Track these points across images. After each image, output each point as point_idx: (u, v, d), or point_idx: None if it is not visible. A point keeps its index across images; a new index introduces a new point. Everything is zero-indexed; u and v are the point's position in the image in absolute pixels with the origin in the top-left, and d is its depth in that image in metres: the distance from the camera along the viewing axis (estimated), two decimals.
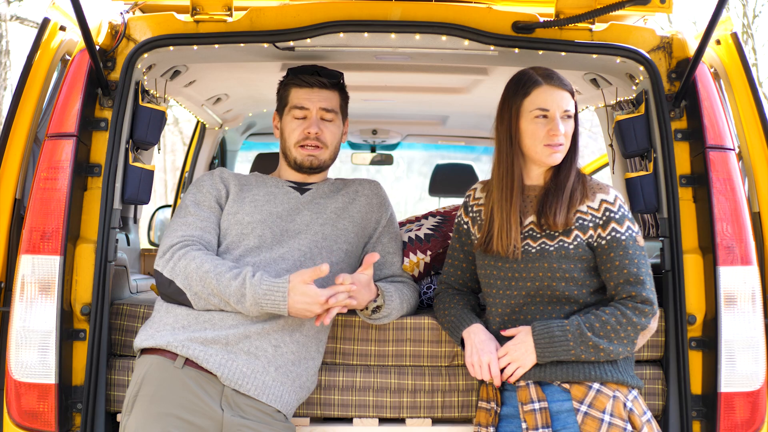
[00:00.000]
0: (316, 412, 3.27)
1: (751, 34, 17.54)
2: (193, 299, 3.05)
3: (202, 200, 3.28)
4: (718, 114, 3.28)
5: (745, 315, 3.15)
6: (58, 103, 3.22)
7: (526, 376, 2.98)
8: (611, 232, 2.99)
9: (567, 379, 2.94)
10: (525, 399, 2.97)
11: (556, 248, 3.00)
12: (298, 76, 3.37)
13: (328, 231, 3.27)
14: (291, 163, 3.39)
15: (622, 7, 3.19)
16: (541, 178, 3.11)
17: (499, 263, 3.06)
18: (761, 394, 3.15)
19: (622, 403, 2.92)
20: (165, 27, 3.35)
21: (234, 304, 3.00)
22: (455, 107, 5.44)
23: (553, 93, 3.04)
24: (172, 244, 3.13)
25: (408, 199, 20.85)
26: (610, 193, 3.03)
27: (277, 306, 2.97)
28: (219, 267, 3.03)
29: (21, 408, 3.10)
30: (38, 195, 3.15)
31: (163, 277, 3.09)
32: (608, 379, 2.94)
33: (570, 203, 3.01)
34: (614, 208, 3.01)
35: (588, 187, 3.05)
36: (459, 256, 3.25)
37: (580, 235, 3.00)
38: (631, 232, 3.00)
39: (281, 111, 3.42)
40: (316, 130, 3.34)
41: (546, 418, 2.93)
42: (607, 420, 2.89)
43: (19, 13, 15.26)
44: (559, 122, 3.02)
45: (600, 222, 3.00)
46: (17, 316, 3.10)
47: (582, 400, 2.92)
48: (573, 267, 2.99)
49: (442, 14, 3.32)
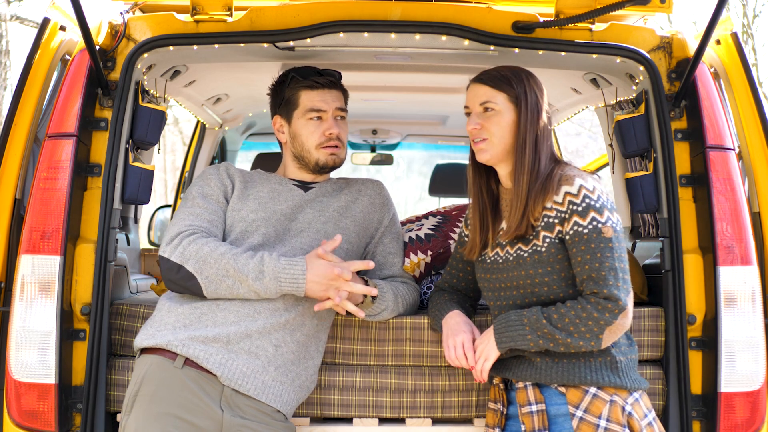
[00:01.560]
0: (316, 412, 3.27)
1: (751, 34, 17.54)
2: (205, 283, 3.03)
3: (210, 193, 3.27)
4: (718, 114, 3.28)
5: (745, 315, 3.15)
6: (58, 103, 3.22)
7: (525, 378, 2.95)
8: (573, 226, 2.84)
9: (563, 381, 2.89)
10: (523, 401, 2.95)
11: (530, 253, 2.91)
12: (308, 78, 3.35)
13: (330, 230, 3.27)
14: (312, 165, 3.36)
15: (622, 7, 3.19)
16: (508, 181, 3.04)
17: (487, 274, 3.05)
18: (761, 394, 3.15)
19: (620, 407, 2.85)
20: (165, 27, 3.35)
21: (252, 281, 2.99)
22: (455, 107, 5.43)
23: (472, 89, 3.04)
24: (180, 231, 3.11)
25: (408, 199, 20.86)
26: (574, 184, 2.85)
27: (296, 280, 2.99)
28: (234, 249, 3.05)
29: (21, 408, 3.10)
30: (38, 195, 3.15)
31: (171, 263, 3.06)
32: (605, 384, 2.87)
33: (527, 206, 2.90)
34: (577, 200, 2.83)
35: (555, 181, 2.88)
36: (457, 266, 3.26)
37: (549, 235, 2.89)
38: (595, 224, 2.81)
39: (290, 114, 3.38)
40: (337, 130, 3.34)
41: (543, 421, 2.90)
42: (603, 425, 2.83)
43: (19, 13, 15.26)
44: (473, 117, 3.00)
45: (565, 216, 2.85)
46: (17, 316, 3.10)
47: (578, 404, 2.87)
48: (550, 269, 2.89)
49: (442, 14, 3.33)
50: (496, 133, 2.97)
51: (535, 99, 2.97)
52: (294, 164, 3.42)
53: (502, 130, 2.97)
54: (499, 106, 2.97)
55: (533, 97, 2.97)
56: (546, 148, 2.96)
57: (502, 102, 2.97)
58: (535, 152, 2.94)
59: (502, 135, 2.97)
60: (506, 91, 2.98)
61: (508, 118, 2.97)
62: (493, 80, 2.99)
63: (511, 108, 2.97)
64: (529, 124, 2.94)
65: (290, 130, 3.39)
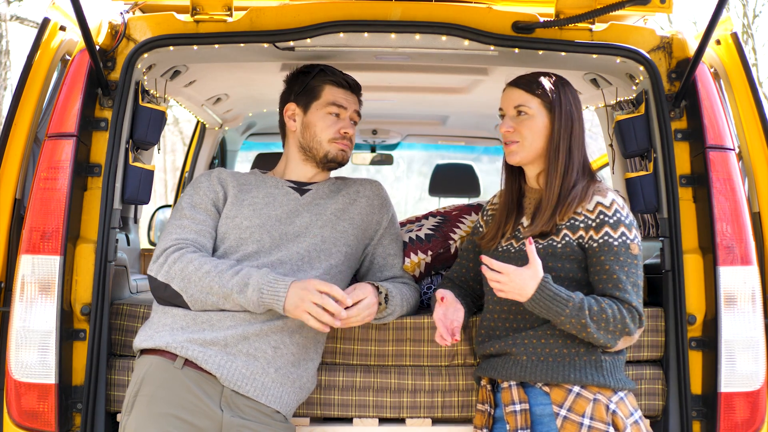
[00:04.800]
0: (316, 412, 3.27)
1: (751, 34, 17.54)
2: (190, 301, 3.03)
3: (199, 203, 3.26)
4: (718, 114, 3.28)
5: (745, 315, 3.15)
6: (58, 103, 3.22)
7: (510, 377, 2.96)
8: (604, 236, 2.94)
9: (547, 380, 2.92)
10: (507, 400, 2.97)
11: (544, 246, 2.98)
12: (337, 75, 3.38)
13: (327, 233, 3.26)
14: (319, 157, 3.36)
15: (622, 7, 3.19)
16: (535, 181, 3.12)
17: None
18: (761, 394, 3.15)
19: (603, 405, 2.89)
20: (165, 27, 3.35)
21: (236, 295, 2.98)
22: (455, 107, 5.44)
23: (507, 92, 3.11)
24: (165, 247, 3.12)
25: (408, 199, 20.87)
26: (607, 196, 2.98)
27: (277, 294, 2.95)
28: (220, 266, 3.03)
29: (21, 408, 3.10)
30: (38, 195, 3.15)
31: (158, 282, 3.07)
32: (588, 382, 2.91)
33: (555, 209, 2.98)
34: (609, 212, 2.95)
35: (589, 192, 3.00)
36: (468, 256, 3.28)
37: (569, 235, 2.97)
38: (624, 239, 2.93)
39: (308, 104, 3.37)
40: (352, 131, 3.37)
41: (526, 420, 2.92)
42: (587, 423, 2.86)
43: (19, 13, 15.26)
44: (507, 119, 3.06)
45: (593, 224, 2.96)
46: (17, 316, 3.10)
47: (561, 404, 2.90)
48: (560, 266, 2.96)
49: (442, 14, 3.32)
50: (528, 136, 3.04)
51: (570, 107, 3.06)
52: (298, 156, 3.40)
53: (534, 134, 3.04)
54: (533, 111, 3.04)
55: (568, 105, 3.06)
56: (579, 156, 3.05)
57: (536, 107, 3.04)
58: (568, 158, 3.03)
59: (534, 139, 3.04)
60: (541, 97, 3.05)
61: (540, 122, 3.04)
62: (529, 85, 3.06)
63: (545, 113, 3.05)
64: (563, 131, 3.03)
65: (304, 119, 3.38)
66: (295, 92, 3.40)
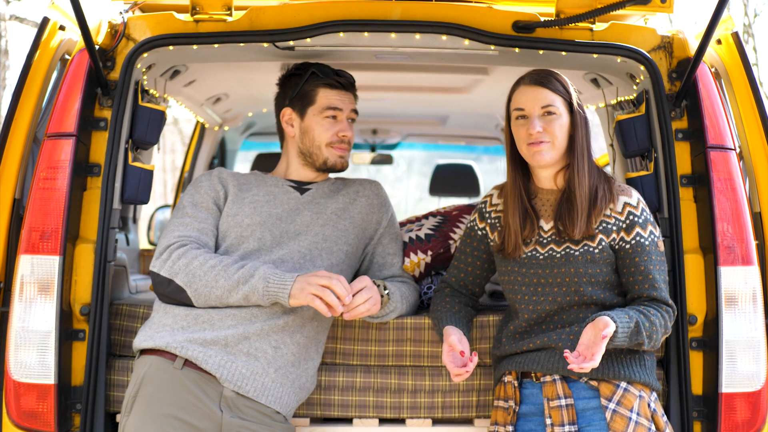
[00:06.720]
0: (316, 412, 3.26)
1: (752, 34, 17.54)
2: (194, 296, 3.03)
3: (200, 201, 3.26)
4: (718, 114, 3.27)
5: (746, 315, 3.15)
6: (58, 102, 3.22)
7: (555, 371, 2.97)
8: (636, 237, 2.99)
9: (596, 375, 2.94)
10: (552, 395, 2.97)
11: (582, 252, 3.00)
12: (330, 77, 3.35)
13: (328, 232, 3.26)
14: (319, 163, 3.36)
15: (623, 6, 3.19)
16: (552, 182, 3.10)
17: (523, 269, 3.06)
18: (762, 395, 3.15)
19: (646, 403, 2.95)
20: (165, 26, 3.35)
21: (242, 285, 2.98)
22: (455, 107, 5.44)
23: (528, 91, 3.05)
24: (168, 244, 3.12)
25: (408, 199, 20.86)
26: (633, 196, 3.04)
27: (284, 282, 2.95)
28: (225, 260, 3.04)
29: (20, 408, 3.09)
30: (37, 195, 3.14)
31: (161, 277, 3.08)
32: (635, 380, 2.96)
33: (591, 211, 3.00)
34: (637, 212, 3.01)
35: (614, 190, 3.03)
36: (467, 260, 3.24)
37: (604, 239, 3.01)
38: (653, 237, 3.01)
39: (304, 109, 3.37)
40: (350, 133, 3.36)
41: (572, 415, 2.94)
42: (635, 419, 2.90)
43: (19, 12, 15.25)
44: (535, 120, 3.02)
45: (623, 226, 3.00)
46: (16, 317, 3.09)
47: (610, 397, 2.93)
48: (599, 271, 3.00)
49: (443, 14, 3.32)
50: (559, 135, 3.03)
51: (580, 104, 3.08)
52: (298, 160, 3.40)
53: (563, 133, 3.04)
54: (560, 110, 3.04)
55: (579, 102, 3.08)
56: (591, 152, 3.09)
57: (561, 105, 3.04)
58: (591, 156, 3.06)
59: (563, 138, 3.04)
60: (563, 95, 3.05)
61: (564, 121, 3.05)
62: (552, 83, 3.05)
63: (567, 112, 3.05)
64: (582, 128, 3.05)
65: (302, 124, 3.37)
66: (290, 97, 3.39)
